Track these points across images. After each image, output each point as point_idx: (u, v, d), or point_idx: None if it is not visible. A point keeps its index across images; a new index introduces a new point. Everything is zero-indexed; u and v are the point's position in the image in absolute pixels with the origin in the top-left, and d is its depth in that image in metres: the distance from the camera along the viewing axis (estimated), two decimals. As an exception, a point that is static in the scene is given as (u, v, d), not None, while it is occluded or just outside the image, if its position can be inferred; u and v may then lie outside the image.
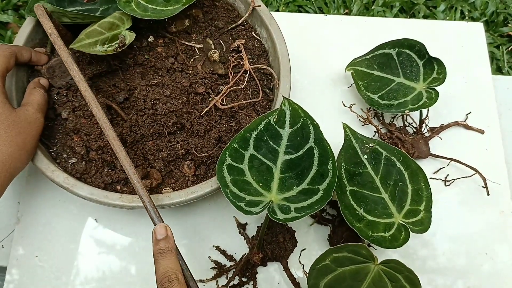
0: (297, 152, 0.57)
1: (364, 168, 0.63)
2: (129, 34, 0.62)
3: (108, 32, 0.61)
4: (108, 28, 0.61)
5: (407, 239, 0.58)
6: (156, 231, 0.51)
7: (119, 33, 0.61)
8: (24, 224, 0.67)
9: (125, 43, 0.61)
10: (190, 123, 0.62)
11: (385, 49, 0.74)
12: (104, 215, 0.68)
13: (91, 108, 0.56)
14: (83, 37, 0.60)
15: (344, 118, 0.76)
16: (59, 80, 0.62)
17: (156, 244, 0.51)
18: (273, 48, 0.67)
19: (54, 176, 0.56)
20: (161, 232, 0.51)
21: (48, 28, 0.57)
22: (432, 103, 0.69)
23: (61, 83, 0.62)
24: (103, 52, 0.59)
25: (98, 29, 0.61)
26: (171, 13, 0.63)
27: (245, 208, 0.53)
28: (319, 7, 1.26)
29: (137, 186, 0.53)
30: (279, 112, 0.59)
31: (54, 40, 0.57)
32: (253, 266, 0.65)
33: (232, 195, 0.54)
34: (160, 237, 0.51)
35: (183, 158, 0.62)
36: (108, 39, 0.61)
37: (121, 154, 0.54)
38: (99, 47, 0.59)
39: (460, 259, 0.70)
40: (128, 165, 0.54)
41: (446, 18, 1.23)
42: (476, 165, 0.72)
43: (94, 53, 0.59)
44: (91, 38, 0.60)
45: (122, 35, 0.61)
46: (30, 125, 0.56)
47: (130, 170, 0.54)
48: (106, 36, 0.61)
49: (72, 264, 0.66)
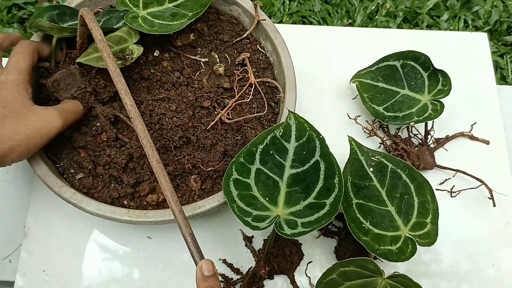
0: (303, 166, 0.58)
1: (370, 181, 0.63)
2: (136, 48, 0.62)
3: (116, 46, 0.62)
4: (116, 42, 0.62)
5: (414, 252, 0.58)
6: (203, 267, 0.49)
7: (126, 47, 0.62)
8: (31, 239, 0.67)
9: (132, 57, 0.61)
10: (196, 137, 0.63)
11: (390, 61, 0.75)
12: (111, 229, 0.69)
13: (135, 126, 0.52)
14: (91, 50, 0.61)
15: (349, 130, 0.76)
16: (64, 93, 0.63)
17: (204, 280, 0.48)
18: (278, 61, 0.68)
19: (62, 192, 0.57)
20: (209, 269, 0.48)
21: (98, 35, 0.54)
22: (437, 115, 0.69)
23: (66, 96, 0.63)
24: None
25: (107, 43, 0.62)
26: (178, 27, 0.64)
27: (252, 223, 0.53)
28: (322, 18, 1.27)
29: (178, 219, 0.50)
30: (285, 126, 0.59)
31: (103, 48, 0.53)
32: (260, 279, 0.65)
33: (239, 210, 0.54)
34: (208, 273, 0.48)
35: (189, 172, 0.62)
36: (116, 53, 0.61)
37: (163, 179, 0.50)
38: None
39: (465, 265, 0.70)
40: (170, 193, 0.50)
41: (450, 27, 1.24)
42: (482, 176, 0.71)
43: (102, 67, 0.59)
44: (99, 52, 0.60)
45: (130, 49, 0.62)
46: (43, 123, 0.56)
47: (172, 199, 0.50)
48: (114, 50, 0.62)
49: (79, 278, 0.66)
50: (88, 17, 0.54)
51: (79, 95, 0.62)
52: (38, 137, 0.55)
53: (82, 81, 0.62)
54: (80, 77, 0.62)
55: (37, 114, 0.56)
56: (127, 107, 0.52)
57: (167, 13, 0.65)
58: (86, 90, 0.62)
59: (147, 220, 0.56)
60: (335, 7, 1.29)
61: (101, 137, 0.61)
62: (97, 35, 0.54)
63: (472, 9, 1.27)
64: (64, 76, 0.63)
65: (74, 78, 0.62)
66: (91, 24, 0.54)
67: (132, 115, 0.51)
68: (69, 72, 0.62)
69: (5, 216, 0.70)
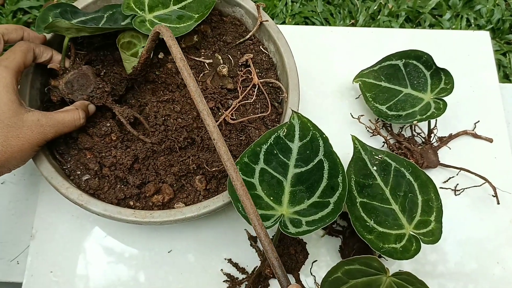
0: (307, 165, 0.58)
1: (374, 180, 0.63)
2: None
3: (128, 52, 0.63)
4: (127, 48, 0.63)
5: (418, 250, 0.58)
6: None
7: (136, 52, 0.62)
8: (39, 240, 0.68)
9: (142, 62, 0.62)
10: (201, 138, 0.63)
11: (392, 60, 0.75)
12: (117, 229, 0.69)
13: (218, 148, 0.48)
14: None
15: (352, 129, 0.76)
16: (79, 94, 0.61)
17: None
18: (281, 62, 0.68)
19: (69, 193, 0.57)
20: None
21: (177, 54, 0.51)
22: (440, 113, 0.69)
23: (82, 97, 0.61)
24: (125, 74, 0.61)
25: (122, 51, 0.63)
26: (186, 30, 0.64)
27: None
28: (325, 18, 1.27)
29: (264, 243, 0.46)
30: (288, 126, 0.60)
31: (183, 66, 0.50)
32: (265, 278, 0.66)
33: (244, 210, 0.55)
34: None
35: (194, 172, 0.63)
36: (125, 59, 0.62)
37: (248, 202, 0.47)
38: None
39: (471, 264, 0.70)
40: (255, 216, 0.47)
41: (452, 26, 1.24)
42: (486, 174, 0.72)
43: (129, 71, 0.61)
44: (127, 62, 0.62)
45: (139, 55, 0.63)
46: (32, 133, 0.55)
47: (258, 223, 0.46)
48: (126, 58, 0.62)
49: (87, 279, 0.66)
50: (167, 34, 0.52)
51: (97, 94, 0.61)
52: (30, 147, 0.55)
53: (96, 80, 0.62)
54: (94, 77, 0.62)
55: (28, 125, 0.54)
56: (210, 128, 0.49)
57: (173, 16, 0.66)
58: (104, 90, 0.62)
59: (153, 221, 0.56)
60: (338, 7, 1.29)
61: (110, 137, 0.62)
62: (177, 54, 0.51)
63: (475, 8, 1.27)
64: (77, 76, 0.62)
65: (88, 78, 0.62)
66: (170, 42, 0.52)
67: (215, 137, 0.48)
68: (82, 72, 0.62)
69: (13, 218, 0.71)
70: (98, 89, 0.61)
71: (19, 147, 0.54)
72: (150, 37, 0.57)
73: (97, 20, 0.65)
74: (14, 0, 1.24)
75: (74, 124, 0.59)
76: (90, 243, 0.68)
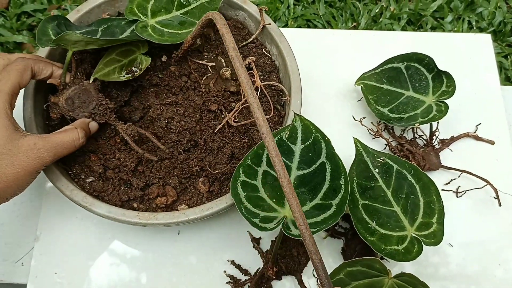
0: (310, 167, 0.58)
1: (376, 182, 0.63)
2: (145, 59, 0.63)
3: (125, 59, 0.63)
4: (124, 55, 0.63)
5: (420, 252, 0.59)
6: None
7: (135, 59, 0.63)
8: (43, 242, 0.69)
9: (141, 68, 0.62)
10: (204, 140, 0.64)
11: (394, 63, 0.75)
12: (121, 231, 0.70)
13: (267, 143, 0.47)
14: (102, 66, 0.61)
15: (354, 131, 0.77)
16: (80, 111, 0.59)
17: None
18: (284, 65, 0.69)
19: (73, 195, 0.58)
20: None
21: (230, 42, 0.49)
22: (442, 116, 0.69)
23: (84, 115, 0.59)
24: (122, 79, 0.61)
25: (115, 57, 0.63)
26: (187, 36, 0.64)
27: (259, 225, 0.54)
28: (327, 21, 1.28)
29: (308, 243, 0.46)
30: (291, 129, 0.60)
31: (236, 56, 0.48)
32: (268, 280, 0.66)
33: (247, 212, 0.55)
34: None
35: (197, 175, 0.63)
36: (125, 65, 0.62)
37: (294, 201, 0.46)
38: (117, 74, 0.61)
39: (473, 266, 0.70)
40: (301, 217, 0.46)
41: (454, 29, 1.24)
42: (487, 176, 0.72)
43: (113, 80, 0.61)
44: (109, 67, 0.61)
45: (138, 61, 0.63)
46: (29, 159, 0.52)
47: (303, 223, 0.46)
48: (123, 63, 0.62)
49: (90, 280, 0.67)
50: (221, 22, 0.50)
51: (100, 111, 0.59)
52: (27, 174, 0.53)
53: (99, 97, 0.60)
54: (96, 93, 0.60)
55: (24, 151, 0.52)
56: (259, 121, 0.47)
57: (176, 22, 0.66)
58: (107, 107, 0.60)
59: (157, 222, 0.57)
60: (340, 10, 1.30)
61: (114, 140, 0.63)
62: (230, 43, 0.49)
63: (476, 10, 1.27)
64: (78, 92, 0.59)
65: (89, 94, 0.59)
66: (223, 31, 0.50)
67: (264, 131, 0.47)
68: (83, 88, 0.60)
69: (17, 220, 0.71)
70: (101, 105, 0.59)
71: (14, 176, 0.51)
72: (200, 23, 0.57)
73: (91, 34, 0.63)
74: (18, 3, 1.25)
75: (73, 145, 0.57)
76: (93, 245, 0.69)
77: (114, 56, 0.62)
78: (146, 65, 0.63)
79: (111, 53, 0.63)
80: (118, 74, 0.61)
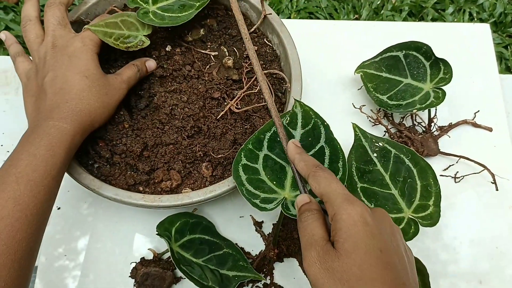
0: (309, 151, 0.60)
1: (374, 166, 0.65)
2: (145, 40, 0.65)
3: (127, 31, 0.65)
4: (127, 27, 0.65)
5: (416, 233, 0.60)
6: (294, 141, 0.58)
7: (135, 36, 0.65)
8: (52, 225, 0.71)
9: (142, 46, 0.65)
10: (207, 126, 0.66)
11: (393, 51, 0.77)
12: (127, 215, 0.72)
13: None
14: (102, 23, 0.63)
15: (354, 119, 0.78)
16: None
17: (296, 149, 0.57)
18: (284, 53, 0.70)
19: (82, 179, 0.60)
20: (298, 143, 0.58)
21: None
22: (439, 102, 0.71)
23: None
24: (115, 45, 0.63)
25: (119, 24, 0.65)
26: (187, 18, 0.66)
27: (260, 205, 0.56)
28: (329, 13, 1.29)
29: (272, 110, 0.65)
30: (291, 114, 0.62)
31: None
32: (270, 261, 0.68)
33: (248, 193, 0.57)
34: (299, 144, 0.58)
35: (201, 160, 0.66)
36: (124, 36, 0.64)
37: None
38: (113, 40, 0.63)
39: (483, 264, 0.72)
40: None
41: (455, 20, 1.26)
42: (485, 162, 0.73)
43: (106, 42, 0.62)
44: (109, 28, 0.63)
45: (141, 40, 0.65)
46: (115, 90, 0.62)
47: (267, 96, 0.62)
48: (123, 33, 0.64)
49: (99, 262, 0.69)
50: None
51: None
52: (114, 103, 0.62)
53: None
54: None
55: (111, 83, 0.62)
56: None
57: (176, 6, 0.68)
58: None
59: (162, 205, 0.59)
60: (342, 2, 1.32)
61: (123, 125, 0.65)
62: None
63: (477, 1, 1.28)
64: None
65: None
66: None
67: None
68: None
69: (28, 205, 0.74)
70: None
71: (107, 103, 0.61)
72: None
73: None
74: (26, -1, 1.27)
75: (137, 76, 0.66)
76: (101, 228, 0.71)
77: (118, 22, 0.65)
78: (146, 45, 0.65)
79: (117, 16, 0.65)
80: (114, 41, 0.63)
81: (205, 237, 0.67)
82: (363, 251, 0.42)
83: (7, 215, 0.48)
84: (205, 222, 0.69)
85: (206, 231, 0.68)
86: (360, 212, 0.44)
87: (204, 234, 0.68)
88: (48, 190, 0.52)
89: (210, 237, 0.68)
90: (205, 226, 0.69)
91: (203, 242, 0.67)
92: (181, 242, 0.65)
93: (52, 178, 0.53)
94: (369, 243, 0.43)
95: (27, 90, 0.61)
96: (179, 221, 0.67)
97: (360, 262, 0.42)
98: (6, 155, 0.77)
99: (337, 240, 0.44)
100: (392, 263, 0.43)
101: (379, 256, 0.42)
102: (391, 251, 0.44)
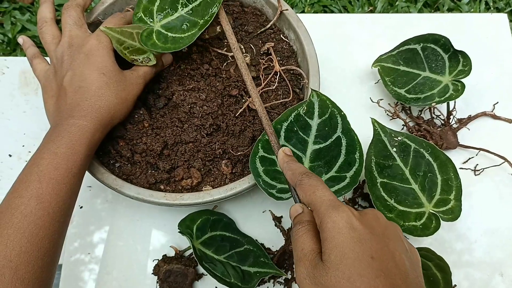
0: (326, 141, 0.60)
1: (394, 161, 0.65)
2: (152, 59, 0.65)
3: (138, 44, 0.63)
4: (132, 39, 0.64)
5: (437, 227, 0.60)
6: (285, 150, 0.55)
7: (144, 51, 0.64)
8: (76, 224, 0.72)
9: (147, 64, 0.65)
10: (226, 124, 0.66)
11: (410, 44, 0.77)
12: (148, 213, 0.73)
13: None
14: (118, 30, 0.62)
15: (372, 113, 0.78)
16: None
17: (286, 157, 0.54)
18: (301, 49, 0.70)
19: (104, 178, 0.61)
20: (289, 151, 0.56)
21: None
22: (458, 95, 0.70)
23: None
24: (122, 54, 0.63)
25: (133, 35, 0.63)
26: (189, 41, 0.64)
27: (276, 195, 0.57)
28: (343, 6, 1.29)
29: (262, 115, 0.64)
30: (308, 104, 0.62)
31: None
32: (290, 256, 0.69)
33: (265, 184, 0.58)
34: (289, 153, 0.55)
35: (220, 157, 0.66)
36: (133, 47, 0.64)
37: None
38: (122, 48, 0.63)
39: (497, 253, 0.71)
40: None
41: (471, 10, 1.24)
42: (505, 154, 0.73)
43: (115, 48, 0.62)
44: (122, 36, 0.63)
45: (148, 57, 0.65)
46: (132, 85, 0.63)
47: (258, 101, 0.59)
48: (134, 45, 0.63)
49: (121, 259, 0.70)
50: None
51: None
52: (132, 99, 0.63)
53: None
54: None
55: (128, 79, 0.62)
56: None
57: (179, 24, 0.66)
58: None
59: (183, 203, 0.60)
60: (356, -5, 1.31)
61: (142, 124, 0.65)
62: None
63: (494, -10, 1.27)
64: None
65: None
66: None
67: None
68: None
69: (51, 204, 0.75)
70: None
71: (125, 98, 0.62)
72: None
73: None
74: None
75: (153, 71, 0.67)
76: (123, 226, 0.72)
77: (134, 33, 0.63)
78: (152, 63, 0.65)
79: (134, 28, 0.64)
80: (123, 50, 0.63)
81: (226, 234, 0.68)
82: (351, 260, 0.39)
83: (30, 213, 0.49)
84: (226, 219, 0.70)
85: (226, 228, 0.69)
86: (346, 217, 0.41)
87: (225, 231, 0.68)
88: (70, 188, 0.53)
89: (231, 233, 0.68)
90: (225, 223, 0.69)
91: (224, 239, 0.67)
92: (202, 240, 0.66)
93: (73, 176, 0.54)
94: (358, 251, 0.39)
95: (46, 91, 0.62)
96: (200, 219, 0.67)
97: (349, 274, 0.39)
98: (28, 155, 0.78)
99: (324, 252, 0.41)
100: (386, 269, 0.39)
101: (370, 264, 0.39)
102: (385, 256, 0.40)
